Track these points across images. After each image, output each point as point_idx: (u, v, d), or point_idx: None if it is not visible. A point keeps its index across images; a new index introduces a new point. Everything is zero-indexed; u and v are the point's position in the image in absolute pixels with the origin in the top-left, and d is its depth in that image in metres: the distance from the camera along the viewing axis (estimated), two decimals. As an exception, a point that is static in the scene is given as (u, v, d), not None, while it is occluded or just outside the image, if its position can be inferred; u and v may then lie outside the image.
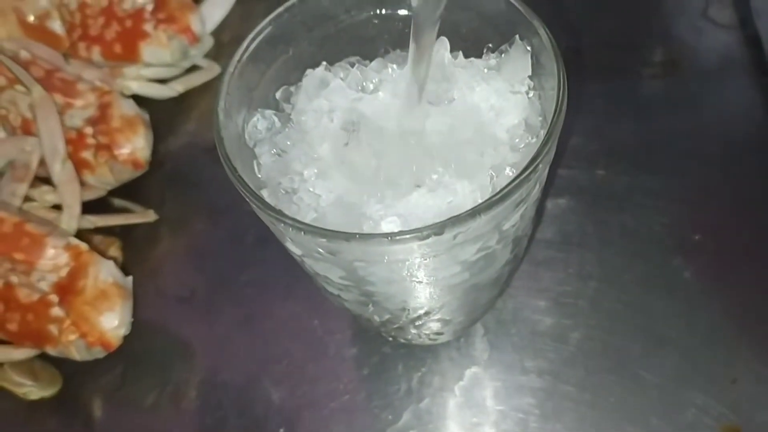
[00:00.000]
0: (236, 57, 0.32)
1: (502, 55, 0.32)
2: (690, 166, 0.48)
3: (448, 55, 0.33)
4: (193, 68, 0.57)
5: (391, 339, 0.42)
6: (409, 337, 0.40)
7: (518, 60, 0.31)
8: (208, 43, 0.57)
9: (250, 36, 0.32)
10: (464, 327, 0.42)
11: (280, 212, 0.28)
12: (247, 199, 0.29)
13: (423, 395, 0.42)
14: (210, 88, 0.57)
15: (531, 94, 0.32)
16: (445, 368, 0.42)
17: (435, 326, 0.38)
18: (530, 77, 0.32)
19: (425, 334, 0.39)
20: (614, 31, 0.54)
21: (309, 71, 0.34)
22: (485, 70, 0.32)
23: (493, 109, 0.32)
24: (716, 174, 0.47)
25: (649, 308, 0.43)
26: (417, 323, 0.37)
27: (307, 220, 0.29)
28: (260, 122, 0.34)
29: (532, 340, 0.43)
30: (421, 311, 0.35)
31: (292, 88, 0.35)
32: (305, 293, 0.45)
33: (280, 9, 0.33)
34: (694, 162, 0.48)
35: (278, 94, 0.35)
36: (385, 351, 0.43)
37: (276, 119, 0.34)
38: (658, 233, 0.45)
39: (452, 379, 0.42)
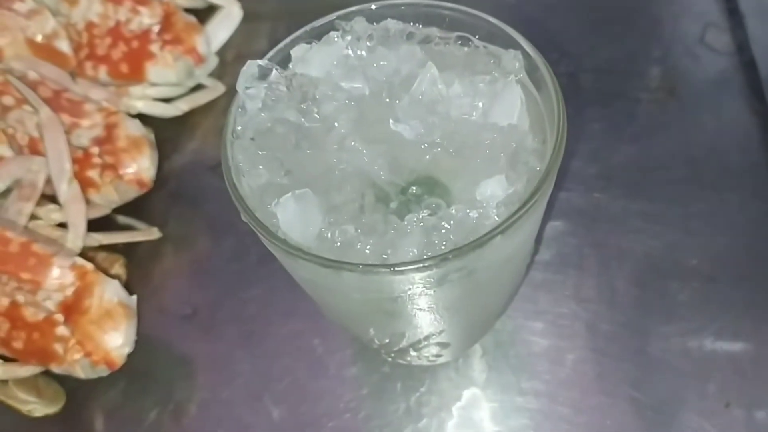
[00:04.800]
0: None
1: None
2: (686, 191, 0.48)
3: (440, 86, 0.31)
4: (198, 87, 0.57)
5: (390, 359, 0.43)
6: (409, 359, 0.41)
7: (507, 99, 0.31)
8: (213, 62, 0.58)
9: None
10: (463, 349, 0.43)
11: (291, 245, 0.28)
12: (256, 231, 0.29)
13: (421, 415, 0.42)
14: (214, 106, 0.57)
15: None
16: (444, 389, 0.43)
17: (434, 350, 0.38)
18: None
19: (425, 356, 0.40)
20: (613, 57, 0.55)
21: None
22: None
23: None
24: (712, 198, 0.48)
25: (645, 331, 0.43)
26: (417, 347, 0.37)
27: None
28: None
29: (529, 361, 0.43)
30: (421, 336, 0.36)
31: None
32: (306, 312, 0.45)
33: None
34: (691, 186, 0.48)
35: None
36: (385, 370, 0.44)
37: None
38: (654, 257, 0.46)
39: (450, 400, 0.43)
